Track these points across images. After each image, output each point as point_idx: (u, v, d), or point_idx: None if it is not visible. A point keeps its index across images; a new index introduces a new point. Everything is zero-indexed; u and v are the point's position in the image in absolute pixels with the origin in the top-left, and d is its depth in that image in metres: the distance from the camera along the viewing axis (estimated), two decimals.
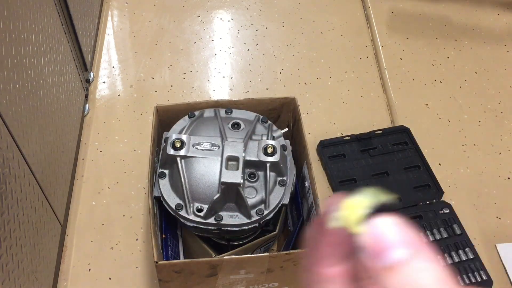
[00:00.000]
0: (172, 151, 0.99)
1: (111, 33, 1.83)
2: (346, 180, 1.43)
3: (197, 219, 0.99)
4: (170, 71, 1.71)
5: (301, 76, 1.71)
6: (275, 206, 1.02)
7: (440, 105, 1.66)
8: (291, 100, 1.18)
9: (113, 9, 1.91)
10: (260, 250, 1.13)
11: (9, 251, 0.90)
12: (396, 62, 1.76)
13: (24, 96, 1.02)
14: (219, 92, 1.67)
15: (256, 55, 1.78)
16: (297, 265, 0.98)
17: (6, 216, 0.89)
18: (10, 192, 0.91)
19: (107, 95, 1.65)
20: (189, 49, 1.79)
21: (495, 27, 1.91)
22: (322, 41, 1.81)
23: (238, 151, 0.99)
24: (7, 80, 0.93)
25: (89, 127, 1.55)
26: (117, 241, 1.32)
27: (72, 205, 1.37)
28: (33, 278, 1.04)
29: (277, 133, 1.10)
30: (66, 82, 1.35)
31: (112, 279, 1.26)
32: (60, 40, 1.32)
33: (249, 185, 1.01)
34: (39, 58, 1.13)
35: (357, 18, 1.91)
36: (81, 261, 1.28)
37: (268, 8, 1.94)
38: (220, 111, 1.11)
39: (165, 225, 1.09)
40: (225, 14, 1.92)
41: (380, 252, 0.31)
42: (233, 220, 1.00)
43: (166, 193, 1.02)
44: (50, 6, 1.24)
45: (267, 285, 1.05)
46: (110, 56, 1.76)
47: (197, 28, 1.86)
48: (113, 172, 1.45)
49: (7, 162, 0.90)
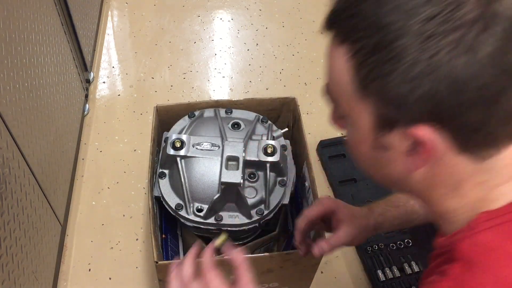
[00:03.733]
0: (172, 151, 0.99)
1: (111, 33, 1.83)
2: (346, 180, 1.43)
3: (197, 219, 0.99)
4: (170, 71, 1.71)
5: (301, 76, 1.71)
6: (275, 206, 1.02)
7: None
8: (291, 100, 1.18)
9: (113, 9, 1.91)
10: (260, 250, 1.13)
11: (9, 251, 0.90)
12: None
13: (24, 96, 1.02)
14: (219, 92, 1.67)
15: (256, 55, 1.78)
16: (297, 265, 0.98)
17: (6, 216, 0.89)
18: (10, 192, 0.91)
19: (107, 95, 1.65)
20: (189, 49, 1.79)
21: None
22: (322, 41, 1.80)
23: (238, 151, 0.99)
24: (7, 80, 0.93)
25: (89, 127, 1.55)
26: (117, 241, 1.32)
27: (72, 205, 1.37)
28: (33, 278, 1.04)
29: (277, 133, 1.10)
30: (66, 82, 1.35)
31: (112, 279, 1.26)
32: (60, 40, 1.32)
33: (249, 185, 1.01)
34: (39, 58, 1.13)
35: None
36: (81, 261, 1.28)
37: (268, 8, 1.94)
38: (220, 111, 1.11)
39: (165, 225, 1.09)
40: (225, 14, 1.92)
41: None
42: (233, 220, 1.00)
43: (166, 193, 1.02)
44: (50, 6, 1.24)
45: (267, 285, 1.05)
46: (110, 56, 1.76)
47: (197, 28, 1.86)
48: (113, 172, 1.45)
49: (7, 162, 0.90)
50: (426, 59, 0.42)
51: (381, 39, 0.44)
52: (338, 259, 1.29)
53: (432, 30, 0.42)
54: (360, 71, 0.46)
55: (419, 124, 0.45)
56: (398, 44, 0.43)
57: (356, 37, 0.46)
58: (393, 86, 0.44)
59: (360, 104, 0.48)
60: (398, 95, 0.45)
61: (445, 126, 0.45)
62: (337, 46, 0.48)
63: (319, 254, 0.83)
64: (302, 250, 0.87)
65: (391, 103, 0.46)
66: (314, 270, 1.05)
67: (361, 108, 0.48)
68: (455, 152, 0.47)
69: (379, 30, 0.44)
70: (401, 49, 0.43)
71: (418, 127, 0.45)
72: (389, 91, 0.45)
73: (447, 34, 0.42)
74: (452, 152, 0.47)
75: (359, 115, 0.49)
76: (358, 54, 0.46)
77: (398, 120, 0.47)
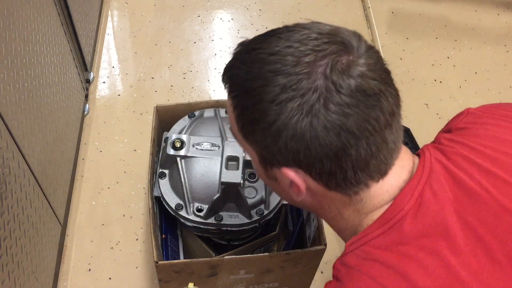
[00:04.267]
0: (172, 151, 0.99)
1: (111, 33, 1.83)
2: None
3: (197, 219, 0.99)
4: (170, 71, 1.71)
5: None
6: (275, 206, 1.02)
7: (440, 105, 1.66)
8: None
9: (113, 9, 1.91)
10: (260, 250, 1.13)
11: (9, 251, 0.90)
12: (396, 62, 1.76)
13: (24, 96, 1.02)
14: (219, 92, 1.67)
15: None
16: (297, 265, 0.98)
17: (6, 216, 0.89)
18: (10, 192, 0.91)
19: (107, 95, 1.65)
20: (189, 49, 1.79)
21: (495, 27, 1.91)
22: None
23: (238, 151, 0.99)
24: (7, 80, 0.93)
25: (89, 127, 1.55)
26: (117, 241, 1.32)
27: (72, 205, 1.37)
28: (33, 278, 1.04)
29: None
30: (66, 82, 1.35)
31: (112, 279, 1.26)
32: (60, 40, 1.32)
33: (249, 185, 1.01)
34: (39, 58, 1.13)
35: (357, 18, 1.91)
36: (81, 261, 1.28)
37: (268, 8, 1.94)
38: (220, 111, 1.11)
39: (165, 225, 1.09)
40: (225, 14, 1.92)
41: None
42: (233, 220, 1.00)
43: (166, 193, 1.02)
44: (50, 6, 1.24)
45: (267, 285, 1.05)
46: (110, 56, 1.76)
47: (197, 28, 1.86)
48: (113, 172, 1.45)
49: (7, 162, 0.90)
50: (280, 120, 0.52)
51: (246, 102, 0.54)
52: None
53: (285, 97, 0.51)
54: (239, 123, 0.57)
55: (288, 167, 0.55)
56: (257, 107, 0.53)
57: (233, 94, 0.56)
58: (259, 139, 0.55)
59: (246, 144, 0.58)
60: (265, 145, 0.55)
61: (307, 171, 0.55)
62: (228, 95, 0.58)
63: None
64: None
65: (263, 149, 0.56)
66: (314, 270, 1.05)
67: (248, 147, 0.59)
68: (325, 189, 0.56)
69: (246, 93, 0.54)
70: (260, 113, 0.53)
71: (287, 169, 0.55)
72: (258, 141, 0.55)
73: (293, 101, 0.51)
74: (322, 188, 0.56)
75: (249, 152, 0.60)
76: (235, 109, 0.56)
77: (272, 161, 0.56)
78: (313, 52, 0.51)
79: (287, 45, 0.53)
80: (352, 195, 0.57)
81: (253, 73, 0.53)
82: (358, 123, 0.51)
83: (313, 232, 1.02)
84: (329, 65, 0.51)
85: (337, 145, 0.51)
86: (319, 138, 0.51)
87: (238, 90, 0.56)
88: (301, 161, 0.53)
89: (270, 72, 0.52)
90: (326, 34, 0.53)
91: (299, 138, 0.52)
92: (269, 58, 0.53)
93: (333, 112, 0.50)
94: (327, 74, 0.50)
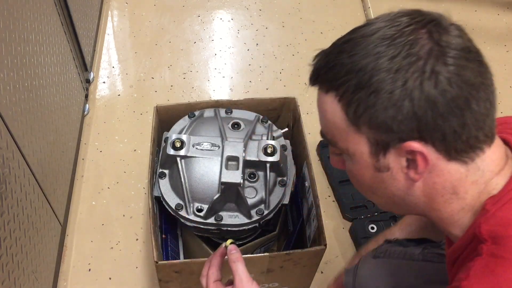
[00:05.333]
0: (172, 151, 0.99)
1: (111, 33, 1.83)
2: (346, 180, 1.42)
3: (197, 219, 0.99)
4: (170, 71, 1.72)
5: (301, 76, 1.71)
6: (275, 206, 1.02)
7: None
8: (291, 100, 1.18)
9: (113, 9, 1.91)
10: (260, 250, 1.13)
11: (9, 251, 0.90)
12: None
13: (24, 96, 1.02)
14: (219, 92, 1.67)
15: (256, 55, 1.78)
16: (297, 265, 0.98)
17: (6, 216, 0.89)
18: (10, 192, 0.91)
19: (107, 95, 1.65)
20: (189, 49, 1.79)
21: (495, 27, 1.91)
22: (322, 41, 1.80)
23: (238, 151, 0.99)
24: (7, 80, 0.93)
25: (89, 127, 1.55)
26: (117, 241, 1.32)
27: (72, 205, 1.37)
28: (33, 278, 1.04)
29: (277, 133, 1.10)
30: (66, 82, 1.35)
31: (112, 279, 1.26)
32: (60, 40, 1.32)
33: (249, 185, 1.01)
34: (39, 58, 1.13)
35: (357, 18, 1.91)
36: (81, 261, 1.28)
37: (268, 8, 1.94)
38: (220, 111, 1.11)
39: (165, 225, 1.09)
40: (225, 14, 1.92)
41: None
42: (233, 220, 1.00)
43: (166, 193, 1.02)
44: (50, 6, 1.24)
45: (267, 285, 1.05)
46: (110, 56, 1.76)
47: (197, 28, 1.86)
48: (113, 172, 1.45)
49: (7, 162, 0.90)
50: (400, 87, 0.52)
51: (360, 79, 0.54)
52: (338, 259, 1.29)
53: (398, 65, 0.53)
54: (349, 109, 0.56)
55: (409, 141, 0.54)
56: (374, 80, 0.53)
57: (338, 83, 0.56)
58: (380, 113, 0.54)
59: (355, 136, 0.58)
60: (386, 120, 0.54)
61: (430, 139, 0.54)
62: (324, 96, 0.59)
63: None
64: None
65: (381, 127, 0.55)
66: (314, 270, 1.05)
67: (356, 140, 0.58)
68: (445, 160, 0.56)
69: (357, 73, 0.54)
70: (378, 84, 0.53)
71: (409, 143, 0.54)
72: (377, 117, 0.54)
73: (410, 66, 0.52)
74: (442, 160, 0.56)
75: (357, 146, 0.58)
76: (344, 96, 0.56)
77: (389, 142, 0.56)
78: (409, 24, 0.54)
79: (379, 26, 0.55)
80: (469, 162, 0.56)
81: (360, 54, 0.55)
82: (474, 74, 0.54)
83: (313, 232, 1.02)
84: (431, 30, 0.54)
85: (461, 97, 0.53)
86: (446, 93, 0.52)
87: (345, 75, 0.55)
88: (427, 124, 0.53)
89: (377, 47, 0.54)
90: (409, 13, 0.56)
91: (424, 99, 0.52)
92: (369, 39, 0.55)
93: (452, 65, 0.53)
94: (433, 37, 0.54)
